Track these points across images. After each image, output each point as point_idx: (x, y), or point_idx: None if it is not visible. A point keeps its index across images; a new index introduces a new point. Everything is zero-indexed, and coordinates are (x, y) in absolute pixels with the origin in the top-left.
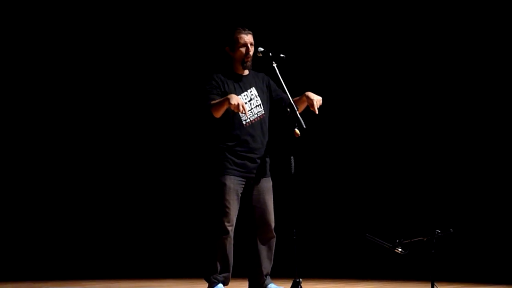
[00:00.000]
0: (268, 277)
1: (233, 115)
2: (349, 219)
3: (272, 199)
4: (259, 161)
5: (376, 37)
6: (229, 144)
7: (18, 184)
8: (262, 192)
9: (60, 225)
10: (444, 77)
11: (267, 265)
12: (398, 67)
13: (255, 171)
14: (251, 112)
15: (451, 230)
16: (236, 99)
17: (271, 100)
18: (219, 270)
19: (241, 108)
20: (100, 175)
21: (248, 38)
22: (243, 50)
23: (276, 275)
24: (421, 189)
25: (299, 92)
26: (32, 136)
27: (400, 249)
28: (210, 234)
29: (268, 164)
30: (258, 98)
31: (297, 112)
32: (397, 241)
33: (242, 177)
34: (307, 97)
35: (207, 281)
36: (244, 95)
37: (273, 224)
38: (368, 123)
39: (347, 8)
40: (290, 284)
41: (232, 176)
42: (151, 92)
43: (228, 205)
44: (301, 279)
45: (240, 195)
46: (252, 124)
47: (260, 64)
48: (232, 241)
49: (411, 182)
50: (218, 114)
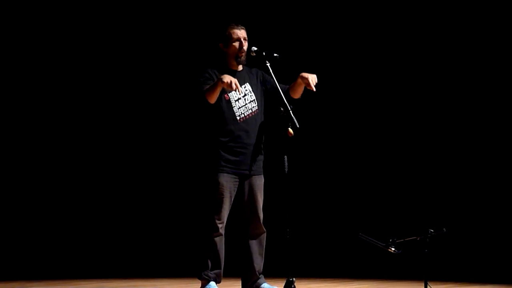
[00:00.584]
0: (262, 277)
1: (227, 110)
2: (343, 219)
3: (262, 196)
4: (253, 157)
5: (370, 34)
6: (223, 140)
7: (11, 183)
8: (254, 190)
9: (54, 224)
10: (434, 73)
11: (259, 261)
12: (389, 63)
13: (249, 168)
14: (245, 108)
15: (444, 230)
16: (228, 77)
17: (268, 93)
18: (210, 267)
19: (234, 86)
20: (94, 174)
21: (241, 33)
22: (237, 45)
23: (270, 275)
24: (414, 189)
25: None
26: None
27: (393, 249)
28: (201, 232)
29: (262, 162)
30: (252, 94)
31: (291, 112)
32: (390, 241)
33: (236, 175)
34: (302, 78)
35: (199, 278)
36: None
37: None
38: (362, 123)
39: (345, 7)
40: (284, 284)
41: (226, 174)
42: (148, 91)
43: (221, 203)
44: (295, 279)
45: (234, 193)
46: (246, 120)
47: (254, 64)
48: (223, 238)
49: (405, 182)
50: (213, 99)
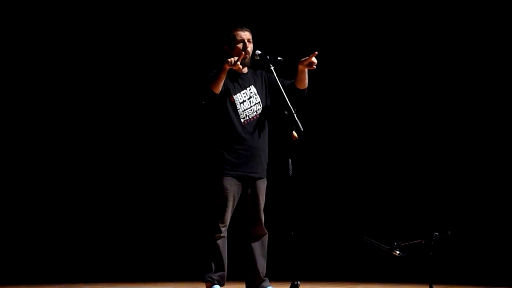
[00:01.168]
0: (266, 279)
1: (232, 113)
2: (347, 222)
3: (264, 199)
4: (258, 160)
5: (375, 38)
6: (228, 142)
7: (15, 187)
8: (257, 193)
9: (58, 228)
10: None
11: (262, 263)
12: (395, 74)
13: (253, 171)
14: (250, 110)
15: (449, 233)
16: (231, 59)
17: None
18: (214, 269)
19: (235, 60)
20: (98, 178)
21: (246, 35)
22: (241, 46)
23: (275, 278)
24: (419, 192)
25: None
26: (31, 138)
27: (398, 252)
28: (205, 234)
29: (266, 165)
30: (257, 96)
31: (295, 115)
32: (395, 244)
33: (240, 178)
34: (301, 64)
35: (203, 281)
36: (244, 93)
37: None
38: (367, 126)
39: (346, 8)
40: (288, 287)
41: (230, 178)
42: (151, 94)
43: (224, 207)
44: (299, 282)
45: (237, 197)
46: (251, 122)
47: (258, 67)
48: (226, 241)
49: (409, 185)
50: (217, 88)
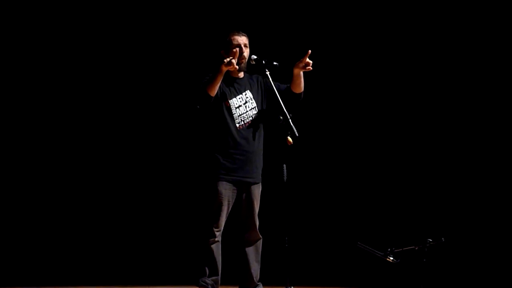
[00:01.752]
0: (260, 284)
1: (228, 117)
2: (341, 227)
3: (259, 204)
4: (253, 165)
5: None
6: (223, 147)
7: (12, 188)
8: (252, 198)
9: (56, 230)
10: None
11: (256, 267)
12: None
13: (248, 176)
14: (246, 115)
15: (443, 239)
16: (226, 58)
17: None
18: (208, 274)
19: (229, 59)
20: (95, 180)
21: (242, 40)
22: (235, 51)
23: (268, 283)
24: (413, 198)
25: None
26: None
27: (392, 258)
28: (199, 239)
29: (261, 169)
30: (253, 101)
31: (290, 120)
32: (389, 250)
33: (235, 183)
34: (296, 67)
35: (197, 285)
36: (239, 98)
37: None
38: (361, 132)
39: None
40: None
41: (225, 182)
42: (148, 98)
43: (219, 212)
44: (293, 287)
45: (232, 201)
46: (247, 127)
47: (254, 72)
48: (220, 245)
49: (403, 191)
50: (213, 90)
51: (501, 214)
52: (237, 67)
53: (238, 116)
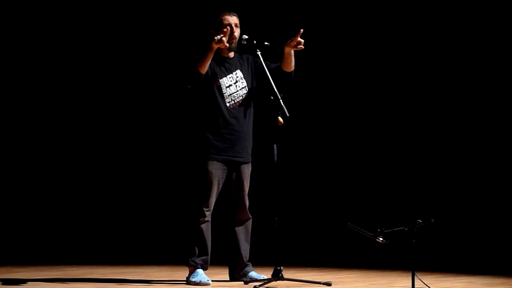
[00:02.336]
0: (249, 264)
1: (218, 97)
2: (331, 208)
3: (249, 183)
4: (243, 145)
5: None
6: (214, 126)
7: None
8: (242, 178)
9: (41, 210)
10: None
11: (246, 247)
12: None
13: (238, 156)
14: (237, 94)
15: (432, 220)
16: (217, 36)
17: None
18: (197, 254)
19: (220, 36)
20: (80, 159)
21: (233, 19)
22: (226, 30)
23: (258, 263)
24: (403, 179)
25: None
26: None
27: (382, 239)
28: (188, 218)
29: (251, 149)
30: (244, 81)
31: (281, 100)
32: (379, 231)
33: (225, 162)
34: (288, 46)
35: (187, 265)
36: (230, 77)
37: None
38: (350, 113)
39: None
40: (271, 272)
41: (215, 162)
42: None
43: (209, 191)
44: (283, 267)
45: (222, 181)
46: (237, 106)
47: (245, 52)
48: (210, 225)
49: (393, 172)
50: (204, 68)
51: (490, 195)
52: (228, 45)
53: (229, 96)
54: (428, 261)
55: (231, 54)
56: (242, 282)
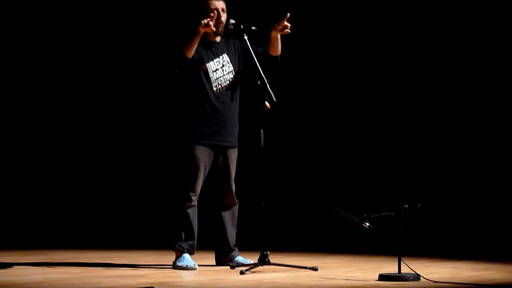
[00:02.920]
0: (236, 249)
1: (205, 81)
2: (317, 193)
3: (235, 168)
4: (229, 129)
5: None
6: (200, 111)
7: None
8: (228, 162)
9: (28, 194)
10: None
11: (232, 232)
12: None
13: (225, 140)
14: (223, 78)
15: (419, 206)
16: (204, 20)
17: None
18: (184, 238)
19: (207, 20)
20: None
21: (220, 4)
22: (214, 15)
23: (244, 248)
24: (389, 164)
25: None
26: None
27: (368, 224)
28: (175, 203)
29: (237, 134)
30: (230, 65)
31: (268, 85)
32: (365, 216)
33: (212, 147)
34: (274, 30)
35: (173, 250)
36: (216, 61)
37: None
38: (338, 97)
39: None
40: (258, 257)
41: (202, 147)
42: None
43: (195, 176)
44: (269, 252)
45: (209, 166)
46: (223, 91)
47: (232, 37)
48: (196, 210)
49: (379, 157)
50: (190, 52)
51: (476, 180)
52: (214, 29)
53: (216, 80)
54: (415, 246)
55: (218, 39)
56: (229, 267)
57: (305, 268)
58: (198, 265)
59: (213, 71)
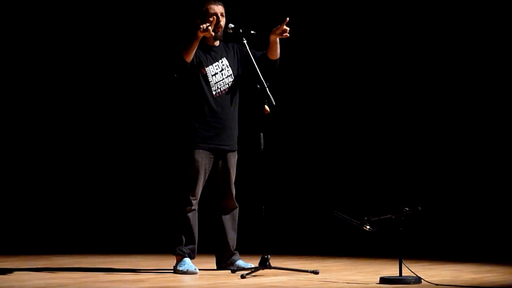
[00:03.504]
0: (237, 253)
1: (204, 85)
2: (318, 196)
3: (235, 172)
4: (229, 133)
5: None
6: (200, 115)
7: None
8: (228, 166)
9: (29, 199)
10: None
11: (233, 236)
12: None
13: (224, 144)
14: (223, 82)
15: (419, 208)
16: (203, 24)
17: (245, 67)
18: (185, 243)
19: (206, 25)
20: (65, 149)
21: (219, 9)
22: (213, 20)
23: (245, 252)
24: (390, 167)
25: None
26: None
27: (369, 227)
28: (175, 207)
29: (236, 137)
30: (229, 69)
31: (267, 89)
32: (366, 219)
33: (211, 151)
34: (273, 33)
35: (174, 254)
36: (216, 65)
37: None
38: (338, 101)
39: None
40: (258, 261)
41: (201, 150)
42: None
43: (196, 180)
44: (270, 256)
45: (209, 170)
46: (223, 95)
47: (231, 41)
48: (197, 214)
49: (380, 160)
50: (189, 56)
51: (476, 183)
52: (213, 34)
53: (215, 84)
54: (415, 249)
55: (217, 43)
56: (230, 271)
57: (306, 272)
58: (199, 269)
59: (213, 75)
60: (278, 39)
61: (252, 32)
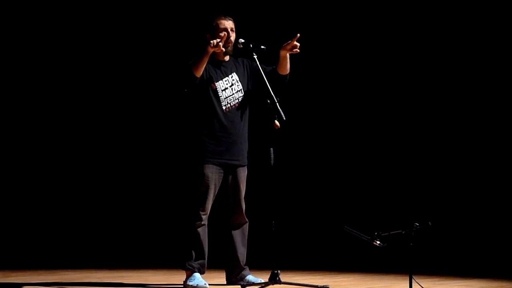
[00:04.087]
0: (246, 268)
1: (214, 100)
2: (328, 211)
3: (245, 187)
4: (239, 148)
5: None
6: (209, 130)
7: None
8: (238, 181)
9: (38, 214)
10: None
11: (242, 251)
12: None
13: (234, 159)
14: (232, 97)
15: (430, 223)
16: (213, 40)
17: (255, 83)
18: (194, 258)
19: (216, 41)
20: (76, 162)
21: (229, 24)
22: (223, 35)
23: (255, 267)
24: (400, 182)
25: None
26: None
27: (379, 242)
28: (185, 222)
29: (246, 152)
30: (239, 84)
31: (277, 104)
32: (376, 234)
33: (221, 166)
34: (283, 49)
35: (184, 269)
36: (225, 80)
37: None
38: (347, 116)
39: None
40: (268, 276)
41: (211, 165)
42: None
43: (205, 195)
44: (280, 271)
45: (218, 185)
46: (233, 110)
47: (241, 56)
48: (207, 229)
49: (390, 175)
50: (199, 71)
51: (487, 198)
52: (223, 49)
53: (225, 99)
54: (426, 264)
55: (227, 58)
56: (239, 286)
57: (316, 287)
58: (209, 284)
59: (222, 90)
60: (288, 55)
61: (262, 47)
